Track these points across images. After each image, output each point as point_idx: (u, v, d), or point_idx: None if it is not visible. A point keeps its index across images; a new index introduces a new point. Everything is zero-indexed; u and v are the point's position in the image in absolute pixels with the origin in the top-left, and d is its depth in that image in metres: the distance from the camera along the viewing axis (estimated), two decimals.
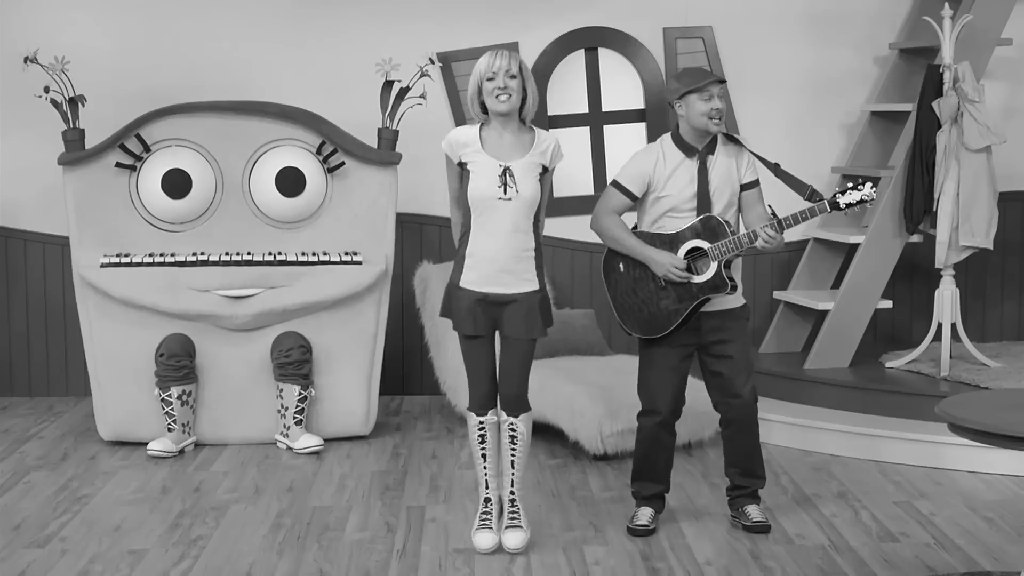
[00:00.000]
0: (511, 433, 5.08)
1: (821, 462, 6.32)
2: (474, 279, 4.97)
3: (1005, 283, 7.88)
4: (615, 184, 5.24)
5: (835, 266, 7.52)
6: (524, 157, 4.95)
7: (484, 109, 4.98)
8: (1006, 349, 7.45)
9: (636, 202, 5.23)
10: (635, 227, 5.29)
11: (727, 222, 5.14)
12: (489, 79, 4.90)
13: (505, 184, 4.90)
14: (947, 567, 4.90)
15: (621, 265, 5.24)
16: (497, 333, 5.06)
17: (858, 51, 7.71)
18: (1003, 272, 7.87)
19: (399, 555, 5.07)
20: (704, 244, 5.12)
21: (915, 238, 7.02)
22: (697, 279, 5.13)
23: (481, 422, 5.09)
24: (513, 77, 4.89)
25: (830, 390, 6.80)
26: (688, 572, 4.88)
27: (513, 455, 5.10)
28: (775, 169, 5.23)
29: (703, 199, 5.15)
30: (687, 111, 5.15)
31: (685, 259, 5.13)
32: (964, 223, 6.73)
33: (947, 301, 6.86)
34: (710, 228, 5.12)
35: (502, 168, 4.91)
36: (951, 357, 6.88)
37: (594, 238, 7.36)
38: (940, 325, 6.88)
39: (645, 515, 5.34)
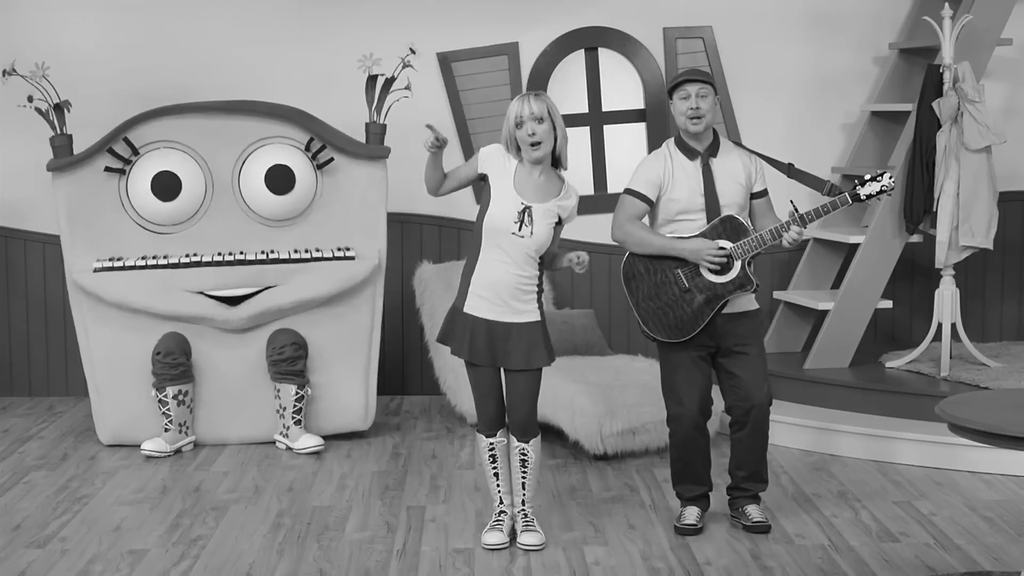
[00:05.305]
0: (521, 457, 5.13)
1: (821, 462, 6.32)
2: (478, 306, 5.02)
3: (1005, 283, 7.88)
4: (629, 192, 5.24)
5: (835, 266, 7.52)
6: (546, 202, 5.00)
7: (519, 147, 5.02)
8: (1006, 349, 7.44)
9: (651, 206, 5.23)
10: None
11: (747, 221, 5.14)
12: (518, 125, 4.94)
13: (522, 222, 4.95)
14: (947, 567, 4.90)
15: (642, 269, 5.24)
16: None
17: (858, 51, 7.71)
18: (1003, 272, 7.87)
19: (399, 555, 5.07)
20: (727, 243, 5.12)
21: (915, 238, 7.02)
22: (722, 279, 5.13)
23: (491, 443, 5.14)
24: (541, 121, 4.93)
25: (830, 390, 6.79)
26: (688, 572, 4.88)
27: (524, 478, 5.15)
28: (789, 169, 5.23)
29: (711, 201, 5.14)
30: (674, 111, 5.19)
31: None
32: (964, 223, 6.72)
33: (947, 301, 6.85)
34: (732, 227, 5.12)
35: (523, 206, 4.96)
36: (951, 357, 6.88)
37: (593, 238, 7.42)
38: (940, 325, 6.88)
39: (692, 514, 5.33)
